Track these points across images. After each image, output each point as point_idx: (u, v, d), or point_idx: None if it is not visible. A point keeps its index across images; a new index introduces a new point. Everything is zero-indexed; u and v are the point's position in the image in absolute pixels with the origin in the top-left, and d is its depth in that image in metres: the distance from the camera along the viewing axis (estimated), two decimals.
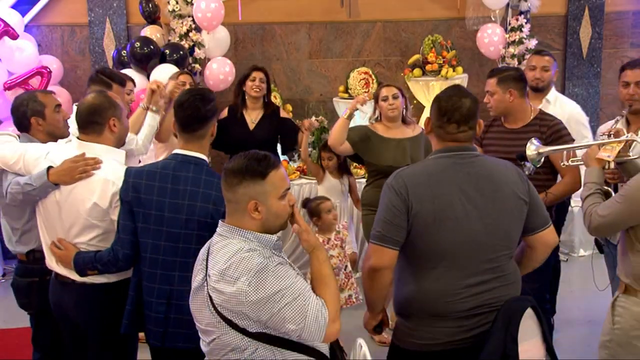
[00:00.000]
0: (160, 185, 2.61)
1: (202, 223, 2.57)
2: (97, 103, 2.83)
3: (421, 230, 2.32)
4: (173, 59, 5.40)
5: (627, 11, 6.49)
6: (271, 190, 2.07)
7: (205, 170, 2.65)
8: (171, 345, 2.63)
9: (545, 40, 6.37)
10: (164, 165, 2.66)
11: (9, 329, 4.57)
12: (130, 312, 2.72)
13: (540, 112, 3.70)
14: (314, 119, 5.38)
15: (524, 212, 2.41)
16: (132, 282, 2.73)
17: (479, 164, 2.40)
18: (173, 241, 2.60)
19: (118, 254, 2.66)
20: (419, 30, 6.42)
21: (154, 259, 2.63)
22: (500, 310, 2.30)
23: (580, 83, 6.43)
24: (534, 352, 2.30)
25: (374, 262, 2.37)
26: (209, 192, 2.58)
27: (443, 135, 2.44)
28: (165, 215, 2.59)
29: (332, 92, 6.41)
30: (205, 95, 2.71)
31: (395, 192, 2.34)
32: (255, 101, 4.81)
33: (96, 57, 6.21)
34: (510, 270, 2.43)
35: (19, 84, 5.43)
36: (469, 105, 2.40)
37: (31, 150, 2.94)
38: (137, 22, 6.10)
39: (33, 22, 6.18)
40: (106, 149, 2.82)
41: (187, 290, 2.58)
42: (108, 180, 2.73)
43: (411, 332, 2.41)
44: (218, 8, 5.66)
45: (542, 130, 3.54)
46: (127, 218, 2.64)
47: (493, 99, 3.61)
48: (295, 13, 6.36)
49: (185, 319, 2.58)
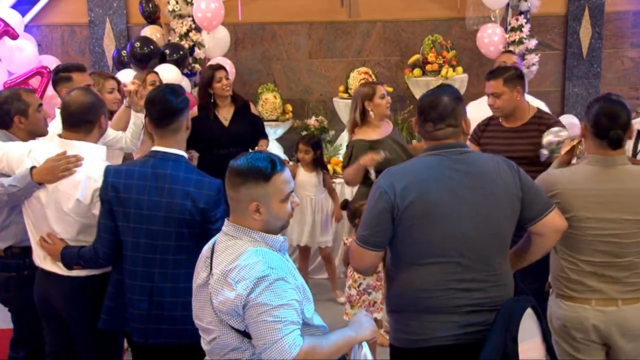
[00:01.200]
0: (139, 183, 2.63)
1: (181, 220, 2.60)
2: (89, 101, 2.86)
3: (410, 227, 2.32)
4: (173, 59, 5.40)
5: (627, 11, 6.48)
6: (274, 193, 2.06)
7: (184, 167, 2.67)
8: (154, 341, 2.67)
9: (545, 40, 6.36)
10: (143, 163, 2.69)
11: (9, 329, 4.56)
12: (110, 308, 2.75)
13: (538, 111, 3.72)
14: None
15: (517, 208, 2.40)
16: (112, 279, 2.76)
17: (467, 160, 2.40)
18: (152, 239, 2.63)
19: (98, 252, 2.70)
20: (419, 30, 6.41)
21: (135, 257, 2.66)
22: (500, 310, 2.30)
23: (580, 83, 6.43)
24: (534, 352, 2.30)
25: (356, 264, 2.48)
26: (187, 189, 2.61)
27: (424, 134, 2.46)
28: (144, 213, 2.62)
29: (332, 92, 6.40)
30: (175, 88, 2.75)
31: (381, 191, 2.35)
32: (225, 99, 4.84)
33: (96, 57, 6.21)
34: (503, 271, 2.42)
35: (19, 84, 5.42)
36: (446, 102, 2.40)
37: (14, 149, 2.97)
38: (137, 22, 6.10)
39: (33, 22, 6.18)
40: (87, 145, 2.85)
41: (167, 287, 2.64)
42: (90, 177, 2.77)
43: (405, 329, 2.41)
44: (218, 8, 5.66)
45: (541, 129, 3.55)
46: (107, 217, 2.68)
47: (501, 100, 3.58)
48: (295, 13, 6.35)
49: (167, 315, 2.64)
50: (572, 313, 2.64)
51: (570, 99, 6.45)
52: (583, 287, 2.62)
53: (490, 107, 3.63)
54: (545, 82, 6.48)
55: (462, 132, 2.45)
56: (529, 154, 3.52)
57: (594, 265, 2.60)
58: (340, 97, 6.15)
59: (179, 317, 2.63)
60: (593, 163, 2.63)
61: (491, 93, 3.60)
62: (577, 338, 2.64)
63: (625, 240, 2.57)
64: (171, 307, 2.64)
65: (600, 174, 2.60)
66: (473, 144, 3.82)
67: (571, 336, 2.65)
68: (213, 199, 2.62)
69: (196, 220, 2.60)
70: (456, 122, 2.42)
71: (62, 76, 3.66)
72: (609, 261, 2.58)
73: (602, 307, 2.59)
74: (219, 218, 2.64)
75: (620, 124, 2.54)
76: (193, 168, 2.71)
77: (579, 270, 2.61)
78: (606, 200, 2.57)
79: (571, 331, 2.64)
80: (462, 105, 2.46)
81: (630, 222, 2.56)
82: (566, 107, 6.46)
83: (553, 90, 6.52)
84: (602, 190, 2.58)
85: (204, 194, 2.61)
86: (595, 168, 2.62)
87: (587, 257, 2.60)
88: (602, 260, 2.59)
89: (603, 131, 2.55)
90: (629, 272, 2.59)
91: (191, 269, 2.62)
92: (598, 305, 2.60)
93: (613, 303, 2.59)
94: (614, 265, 2.58)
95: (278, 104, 6.06)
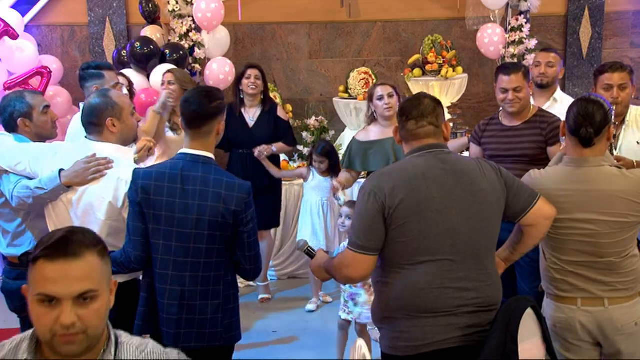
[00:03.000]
0: (170, 185, 2.60)
1: (213, 222, 2.58)
2: (94, 104, 2.83)
3: (402, 225, 2.32)
4: (173, 59, 5.39)
5: (627, 11, 6.49)
6: None
7: (213, 169, 2.65)
8: (184, 345, 2.62)
9: (545, 40, 6.36)
10: (173, 165, 2.66)
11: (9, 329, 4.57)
12: (144, 313, 2.71)
13: (539, 110, 3.72)
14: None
15: (502, 205, 2.43)
16: (144, 284, 2.73)
17: (453, 160, 2.43)
18: (184, 242, 2.60)
19: (130, 256, 2.65)
20: (419, 30, 6.41)
21: (166, 260, 2.63)
22: (500, 310, 2.30)
23: (580, 83, 6.43)
24: (534, 352, 2.30)
25: (350, 271, 2.39)
26: (219, 191, 2.59)
27: (406, 135, 2.47)
28: (175, 215, 2.59)
29: (332, 92, 6.40)
30: (212, 92, 2.72)
31: (369, 194, 2.34)
32: (252, 98, 4.92)
33: (96, 57, 6.19)
34: (493, 270, 2.44)
35: (19, 84, 5.42)
36: (427, 102, 2.45)
37: (36, 151, 2.94)
38: (137, 22, 6.09)
39: (33, 22, 6.18)
40: (116, 147, 2.82)
41: (197, 290, 2.62)
42: (121, 179, 2.74)
43: (401, 335, 2.38)
44: (218, 8, 5.66)
45: (542, 127, 3.56)
46: (137, 220, 2.63)
47: (522, 94, 3.58)
48: (295, 13, 6.35)
49: (197, 319, 2.62)
50: (560, 314, 2.65)
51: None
52: (568, 286, 2.63)
53: (510, 102, 3.56)
54: None
55: (442, 135, 2.47)
56: (530, 152, 3.53)
57: (575, 264, 2.61)
58: (340, 97, 6.15)
59: (209, 320, 2.63)
60: (567, 164, 2.66)
61: (514, 88, 3.56)
62: (567, 338, 2.64)
63: (602, 240, 2.58)
64: (202, 311, 2.63)
65: (571, 175, 2.62)
66: (474, 144, 3.82)
67: (562, 336, 2.65)
68: (244, 201, 2.61)
69: (228, 222, 2.59)
70: (437, 122, 2.44)
71: (92, 72, 3.61)
72: (590, 261, 2.60)
73: (588, 307, 2.60)
74: (249, 220, 2.64)
75: (593, 122, 2.55)
76: (223, 170, 2.70)
77: (561, 269, 2.63)
78: (576, 201, 2.58)
79: (561, 332, 2.65)
80: (443, 110, 2.51)
81: (604, 223, 2.57)
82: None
83: None
84: (573, 191, 2.60)
85: (235, 196, 2.59)
86: (569, 169, 2.65)
87: (568, 257, 2.62)
88: (583, 260, 2.60)
89: (575, 129, 2.58)
90: (611, 272, 2.59)
91: (220, 271, 2.64)
92: (585, 305, 2.60)
93: (599, 302, 2.60)
94: (594, 265, 2.60)
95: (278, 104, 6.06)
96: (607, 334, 2.59)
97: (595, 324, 2.59)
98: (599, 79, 3.57)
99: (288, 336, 4.58)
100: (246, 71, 4.91)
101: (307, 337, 4.54)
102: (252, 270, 2.72)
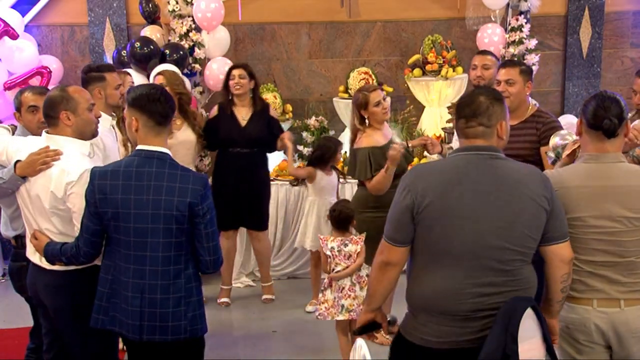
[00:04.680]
0: (124, 183, 2.67)
1: (168, 216, 2.64)
2: (50, 97, 2.96)
3: (429, 226, 2.33)
4: (173, 59, 5.39)
5: (627, 11, 6.49)
6: None
7: (168, 164, 2.71)
8: (149, 338, 2.69)
9: (545, 40, 6.37)
10: (127, 162, 2.73)
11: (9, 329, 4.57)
12: (100, 307, 2.77)
13: (537, 110, 3.74)
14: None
15: (542, 220, 2.36)
16: (101, 279, 2.78)
17: (497, 165, 2.38)
18: (142, 236, 2.66)
19: (80, 251, 2.75)
20: (419, 30, 6.41)
21: (127, 255, 2.69)
22: (500, 310, 2.29)
23: (580, 83, 6.43)
24: (534, 352, 2.30)
25: (385, 257, 2.44)
26: (173, 185, 2.65)
27: (458, 131, 2.47)
28: (131, 212, 2.66)
29: (332, 92, 6.40)
30: (163, 87, 2.94)
31: (404, 188, 2.37)
32: (242, 98, 4.93)
33: (96, 57, 6.20)
34: (525, 275, 2.39)
35: (19, 84, 5.42)
36: (481, 101, 2.39)
37: (12, 144, 3.09)
38: (137, 22, 6.09)
39: (33, 22, 6.18)
40: (70, 140, 2.93)
41: (157, 284, 2.68)
42: (63, 170, 2.84)
43: (418, 327, 2.42)
44: (218, 8, 5.66)
45: (538, 127, 3.59)
46: (90, 219, 2.71)
47: (514, 88, 3.60)
48: (295, 13, 6.35)
49: (159, 312, 2.68)
50: (574, 314, 2.62)
51: (570, 99, 6.46)
52: (583, 287, 2.60)
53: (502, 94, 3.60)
54: (545, 82, 6.49)
55: (496, 135, 2.41)
56: (523, 152, 3.52)
57: (594, 264, 2.58)
58: (340, 97, 6.15)
59: (171, 313, 2.67)
60: (587, 160, 2.63)
61: (505, 80, 3.60)
62: (579, 340, 2.62)
63: (624, 238, 2.56)
64: (163, 304, 2.67)
65: (592, 171, 2.60)
66: None
67: (574, 338, 2.63)
68: (199, 193, 2.66)
69: (183, 214, 2.64)
70: (489, 122, 2.38)
71: (94, 76, 3.68)
72: (610, 261, 2.57)
73: (604, 308, 2.57)
74: (206, 212, 2.67)
75: (614, 114, 2.54)
76: (177, 164, 2.75)
77: (579, 270, 2.59)
78: (598, 197, 2.55)
79: (574, 333, 2.62)
80: (501, 107, 2.41)
81: (627, 220, 2.54)
82: (566, 107, 6.46)
83: (553, 90, 6.53)
84: (593, 187, 2.57)
85: (190, 188, 2.65)
86: (588, 165, 2.61)
87: (587, 257, 2.59)
88: (603, 260, 2.57)
89: (597, 121, 2.55)
90: (630, 272, 2.57)
91: (179, 264, 2.68)
92: (600, 307, 2.58)
93: (615, 304, 2.57)
94: (614, 265, 2.57)
95: (278, 104, 6.06)
96: (621, 337, 2.56)
97: (610, 326, 2.57)
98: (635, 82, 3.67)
99: (288, 336, 4.59)
100: (230, 72, 4.93)
101: (307, 337, 4.54)
102: (212, 261, 2.74)
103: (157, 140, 2.72)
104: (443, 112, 5.94)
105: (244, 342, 4.54)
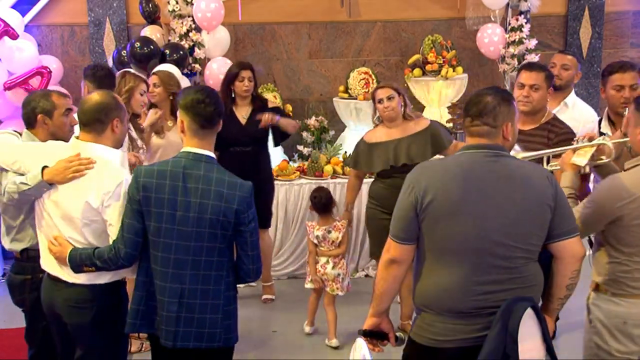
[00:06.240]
0: (172, 183, 2.61)
1: (214, 221, 2.60)
2: (104, 101, 2.85)
3: (433, 223, 2.34)
4: (173, 59, 5.40)
5: (627, 11, 6.49)
6: None
7: (216, 168, 2.67)
8: (183, 344, 2.64)
9: (545, 40, 6.36)
10: (175, 163, 2.67)
11: (9, 329, 4.57)
12: (138, 311, 2.71)
13: (553, 117, 3.63)
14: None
15: (547, 218, 2.36)
16: (138, 282, 2.72)
17: (502, 163, 2.38)
18: (185, 240, 2.61)
19: (120, 252, 2.64)
20: (419, 30, 6.41)
21: (166, 258, 2.63)
22: (500, 310, 2.30)
23: (580, 83, 6.41)
24: (534, 352, 2.30)
25: (391, 254, 2.45)
26: (221, 190, 2.61)
27: (464, 129, 2.49)
28: (177, 213, 2.60)
29: (332, 92, 6.40)
30: (214, 91, 2.80)
31: (408, 186, 2.38)
32: (244, 98, 4.89)
33: (96, 57, 6.20)
34: (531, 272, 2.39)
35: (19, 84, 5.43)
36: (487, 100, 2.40)
37: (29, 149, 2.97)
38: (137, 22, 6.10)
39: (33, 22, 6.18)
40: (102, 148, 2.82)
41: (198, 289, 2.63)
42: (100, 180, 2.74)
43: (426, 327, 2.42)
44: (218, 8, 5.66)
45: (550, 137, 3.49)
46: (133, 217, 2.64)
47: (537, 94, 3.51)
48: (295, 13, 6.35)
49: (196, 318, 2.63)
50: (635, 310, 2.58)
51: None
52: None
53: (524, 99, 3.50)
54: None
55: (502, 135, 2.40)
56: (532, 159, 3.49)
57: None
58: (340, 97, 6.15)
59: (208, 319, 2.64)
60: None
61: (531, 85, 3.50)
62: (634, 335, 2.58)
63: None
64: (201, 310, 2.63)
65: None
66: None
67: (628, 334, 2.59)
68: (246, 201, 2.63)
69: (229, 221, 2.61)
70: (494, 123, 2.38)
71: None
72: None
73: None
74: (251, 220, 2.65)
75: None
76: (224, 169, 2.71)
77: None
78: None
79: (630, 328, 2.58)
80: (508, 109, 2.41)
81: None
82: None
83: None
84: None
85: (237, 194, 2.61)
86: None
87: None
88: None
89: None
90: None
91: (221, 271, 2.65)
92: None
93: None
94: None
95: (278, 104, 6.06)
96: None
97: None
98: (609, 80, 3.52)
99: (288, 336, 4.58)
100: (239, 73, 4.82)
101: (306, 337, 4.54)
102: (254, 270, 2.73)
103: (203, 143, 2.67)
104: (443, 112, 5.93)
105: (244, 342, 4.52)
